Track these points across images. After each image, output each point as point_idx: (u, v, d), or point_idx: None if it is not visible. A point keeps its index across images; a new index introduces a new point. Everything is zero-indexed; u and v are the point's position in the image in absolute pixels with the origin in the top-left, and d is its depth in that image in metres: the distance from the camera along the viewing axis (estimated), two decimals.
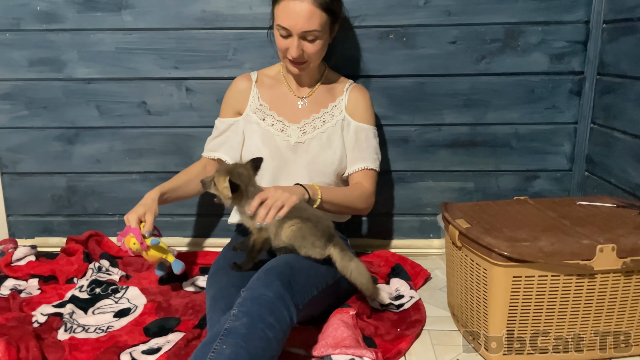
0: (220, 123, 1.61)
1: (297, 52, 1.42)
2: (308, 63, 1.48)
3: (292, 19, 1.38)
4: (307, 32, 1.40)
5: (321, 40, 1.44)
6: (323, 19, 1.40)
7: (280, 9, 1.40)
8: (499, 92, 1.76)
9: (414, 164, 1.83)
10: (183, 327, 1.38)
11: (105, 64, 1.77)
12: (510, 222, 1.31)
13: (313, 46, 1.43)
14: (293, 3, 1.37)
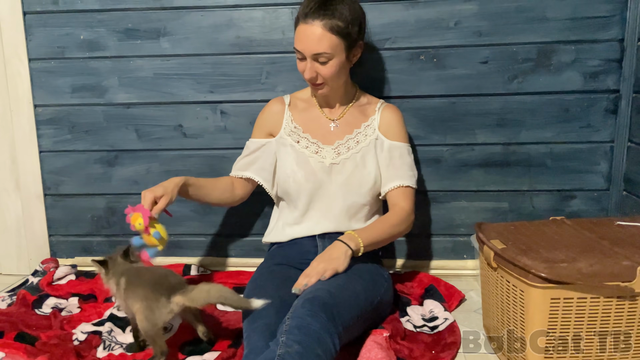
0: (251, 143, 1.64)
1: (310, 73, 1.47)
2: (325, 84, 1.50)
3: (303, 42, 1.44)
4: (317, 54, 1.43)
5: (335, 62, 1.45)
6: (333, 41, 1.43)
7: (296, 33, 1.46)
8: (533, 112, 1.74)
9: (447, 184, 1.83)
10: (218, 347, 1.40)
11: (144, 89, 1.84)
12: (546, 242, 1.29)
13: (326, 68, 1.46)
14: (305, 27, 1.43)
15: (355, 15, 1.45)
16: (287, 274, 1.49)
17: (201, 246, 1.94)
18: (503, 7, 1.68)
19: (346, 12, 1.43)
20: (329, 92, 1.54)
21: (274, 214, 1.69)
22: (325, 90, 1.53)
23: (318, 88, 1.52)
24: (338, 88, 1.55)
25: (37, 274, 1.87)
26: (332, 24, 1.41)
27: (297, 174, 1.55)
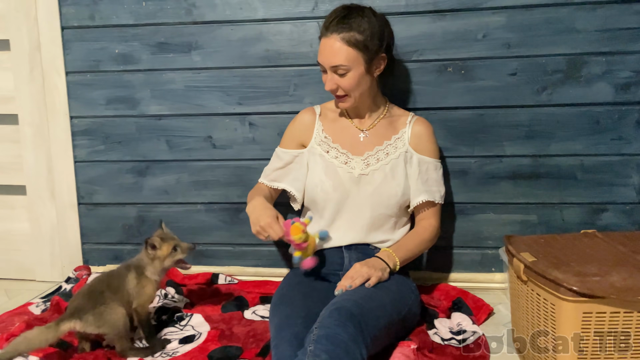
0: (284, 154, 1.66)
1: (330, 85, 1.50)
2: (347, 96, 1.53)
3: (322, 55, 1.49)
4: (335, 66, 1.47)
5: (353, 74, 1.47)
6: (350, 54, 1.45)
7: (319, 47, 1.51)
8: (562, 123, 1.73)
9: (474, 196, 1.81)
10: (246, 355, 1.41)
11: (175, 101, 1.88)
12: (578, 256, 1.27)
13: (345, 80, 1.48)
14: (325, 40, 1.47)
15: (374, 29, 1.47)
16: (313, 285, 1.50)
17: (229, 255, 1.97)
18: (532, 18, 1.68)
19: (365, 26, 1.45)
20: (352, 104, 1.56)
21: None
22: (347, 103, 1.55)
23: (340, 100, 1.55)
24: (363, 99, 1.56)
25: (70, 280, 1.91)
26: (349, 37, 1.44)
27: (325, 183, 1.57)
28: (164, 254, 1.47)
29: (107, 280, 1.46)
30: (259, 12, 1.79)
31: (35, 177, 1.99)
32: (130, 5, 1.84)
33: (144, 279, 1.47)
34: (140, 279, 1.47)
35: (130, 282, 1.45)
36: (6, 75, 1.94)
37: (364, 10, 1.49)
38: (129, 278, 1.46)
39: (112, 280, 1.46)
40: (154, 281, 1.48)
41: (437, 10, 1.71)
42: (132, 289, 1.45)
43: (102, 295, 1.41)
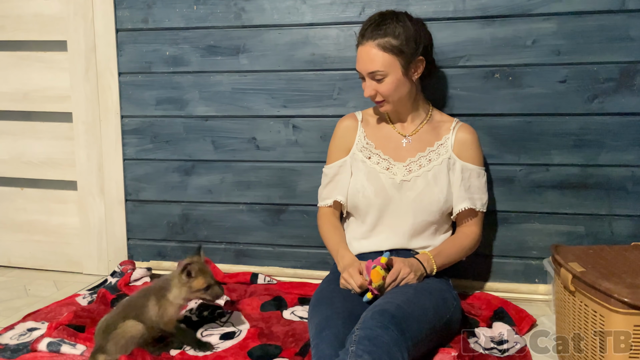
0: (329, 169, 1.67)
1: (369, 92, 1.52)
2: (385, 101, 1.54)
3: (359, 62, 1.51)
4: (372, 72, 1.48)
5: (391, 79, 1.48)
6: (386, 59, 1.46)
7: (357, 55, 1.53)
8: (614, 133, 1.68)
9: (519, 205, 1.78)
10: (285, 354, 1.42)
11: (222, 102, 1.93)
12: (629, 267, 1.23)
13: (383, 85, 1.49)
14: (362, 47, 1.50)
15: (409, 33, 1.48)
16: None
17: (268, 256, 1.99)
18: (584, 25, 1.64)
19: (399, 30, 1.46)
20: (393, 109, 1.57)
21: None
22: (387, 107, 1.56)
23: (380, 105, 1.56)
24: (403, 104, 1.57)
25: (116, 274, 1.97)
26: (384, 43, 1.46)
27: (367, 189, 1.57)
28: (197, 287, 1.44)
29: (124, 313, 1.42)
30: (306, 16, 1.82)
31: (86, 174, 2.07)
32: (182, 9, 1.90)
33: (165, 302, 1.44)
34: (161, 303, 1.44)
35: (151, 310, 1.43)
36: (63, 75, 2.03)
37: (398, 16, 1.50)
38: (149, 306, 1.43)
39: (129, 312, 1.42)
40: (177, 305, 1.45)
41: (486, 16, 1.70)
42: (154, 316, 1.43)
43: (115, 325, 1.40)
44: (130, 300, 1.48)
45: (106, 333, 1.38)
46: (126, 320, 1.40)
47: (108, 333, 1.38)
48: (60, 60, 2.03)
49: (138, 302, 1.45)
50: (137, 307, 1.44)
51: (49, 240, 2.16)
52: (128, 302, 1.48)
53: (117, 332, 1.38)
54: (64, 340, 1.45)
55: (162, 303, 1.44)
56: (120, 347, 1.36)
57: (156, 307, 1.43)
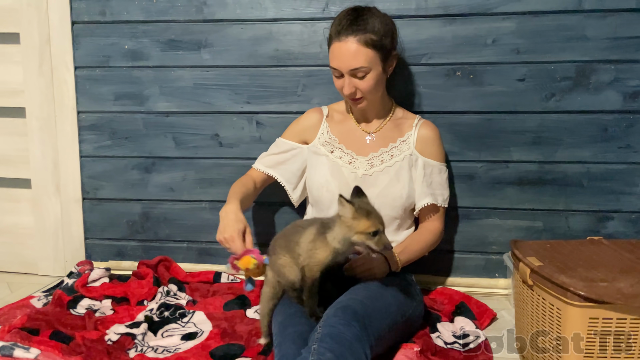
0: (283, 143, 1.67)
1: (349, 89, 1.49)
2: (364, 98, 1.53)
3: (339, 59, 1.47)
4: (355, 69, 1.46)
5: (372, 76, 1.48)
6: (369, 55, 1.45)
7: (331, 52, 1.49)
8: (570, 130, 1.72)
9: (480, 201, 1.81)
10: (248, 354, 1.40)
11: (183, 98, 1.89)
12: (585, 261, 1.27)
13: (364, 82, 1.48)
14: (340, 44, 1.46)
15: (387, 27, 1.48)
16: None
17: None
18: (542, 25, 1.68)
19: (378, 25, 1.46)
20: (368, 106, 1.56)
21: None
22: (364, 104, 1.55)
23: (357, 103, 1.54)
24: (376, 101, 1.57)
25: (73, 275, 1.91)
26: (366, 38, 1.44)
27: (331, 184, 1.57)
28: (362, 229, 1.22)
29: (292, 228, 1.35)
30: (269, 11, 1.80)
31: (41, 171, 1.99)
32: (142, 1, 1.84)
33: (320, 241, 1.27)
34: (317, 238, 1.27)
35: (305, 236, 1.29)
36: (15, 68, 1.95)
37: (371, 10, 1.50)
38: (306, 232, 1.29)
39: (294, 231, 1.33)
40: (332, 248, 1.26)
41: (448, 15, 1.72)
42: (303, 244, 1.28)
43: (276, 244, 1.35)
44: (294, 226, 1.36)
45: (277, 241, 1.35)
46: (281, 252, 1.32)
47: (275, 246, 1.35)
48: (12, 53, 1.95)
49: (303, 224, 1.33)
50: (299, 229, 1.32)
51: (2, 241, 2.07)
52: (292, 227, 1.36)
53: (274, 258, 1.34)
54: (17, 344, 1.39)
55: (317, 239, 1.27)
56: (275, 270, 1.35)
57: (310, 237, 1.28)
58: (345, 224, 1.23)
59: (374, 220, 1.22)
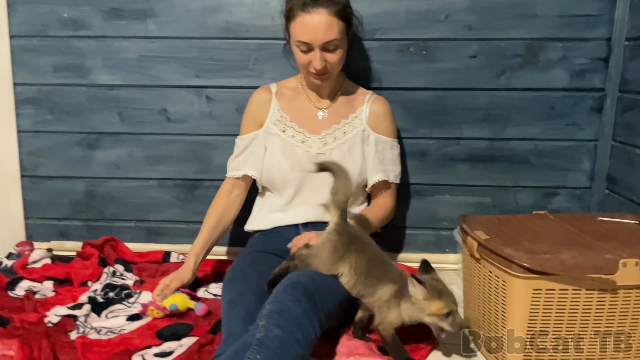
0: (241, 140, 1.61)
1: (321, 63, 1.44)
2: (331, 73, 1.49)
3: (311, 33, 1.41)
4: (328, 42, 1.41)
5: (341, 49, 1.46)
6: (341, 26, 1.42)
7: (298, 25, 1.42)
8: (519, 108, 1.75)
9: (432, 178, 1.82)
10: (196, 333, 1.37)
11: (128, 71, 1.80)
12: (530, 235, 1.29)
13: (335, 55, 1.45)
14: (310, 17, 1.40)
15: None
16: (268, 262, 1.47)
17: (182, 233, 1.91)
18: (494, 1, 1.68)
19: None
20: (328, 81, 1.52)
21: (258, 202, 1.67)
22: (329, 80, 1.51)
23: (324, 78, 1.49)
24: (335, 76, 1.54)
25: (12, 256, 1.81)
26: (337, 9, 1.40)
27: (283, 163, 1.54)
28: (433, 311, 1.18)
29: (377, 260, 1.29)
30: None
31: None
32: None
33: (394, 304, 1.22)
34: (392, 300, 1.22)
35: (383, 291, 1.24)
36: None
37: None
38: (386, 287, 1.24)
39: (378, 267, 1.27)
40: (403, 319, 1.23)
41: None
42: (376, 298, 1.25)
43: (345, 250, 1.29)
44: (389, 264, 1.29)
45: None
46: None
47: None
48: None
49: (394, 275, 1.26)
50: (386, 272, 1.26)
51: None
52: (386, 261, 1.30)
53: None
54: None
55: (392, 301, 1.22)
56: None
57: (387, 295, 1.23)
58: (416, 304, 1.19)
59: (446, 301, 1.18)
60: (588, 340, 1.18)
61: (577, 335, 1.17)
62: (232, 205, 1.62)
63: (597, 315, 1.16)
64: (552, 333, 1.17)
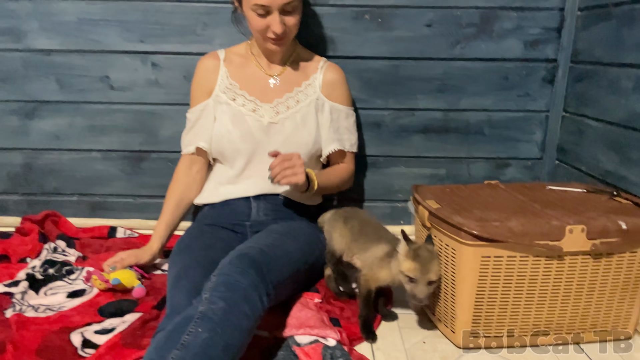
0: (192, 113, 1.54)
1: (281, 27, 1.37)
2: (288, 38, 1.43)
3: None
4: (287, 3, 1.35)
5: (299, 12, 1.40)
6: None
7: None
8: (473, 78, 1.73)
9: (387, 149, 1.80)
10: (141, 309, 1.32)
11: (67, 35, 1.69)
12: (480, 204, 1.28)
13: (293, 18, 1.39)
14: None
15: None
16: (217, 235, 1.43)
17: (129, 208, 1.83)
18: None
19: None
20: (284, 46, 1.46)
21: (209, 175, 1.61)
22: (285, 45, 1.45)
23: (281, 43, 1.43)
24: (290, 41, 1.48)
25: None
26: None
27: (232, 133, 1.48)
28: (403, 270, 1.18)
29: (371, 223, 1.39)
30: None
31: None
32: None
33: (386, 263, 1.24)
34: (385, 259, 1.24)
35: (376, 250, 1.28)
36: None
37: None
38: (380, 246, 1.28)
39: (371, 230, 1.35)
40: (393, 276, 1.23)
41: None
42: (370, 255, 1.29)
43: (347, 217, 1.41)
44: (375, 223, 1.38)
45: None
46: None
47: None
48: None
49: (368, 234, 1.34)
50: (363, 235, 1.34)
51: None
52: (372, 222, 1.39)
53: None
54: None
55: (385, 258, 1.25)
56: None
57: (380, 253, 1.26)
58: (397, 259, 1.21)
59: (418, 266, 1.16)
60: (535, 306, 1.19)
61: (525, 301, 1.18)
62: (193, 182, 1.56)
63: (544, 282, 1.17)
64: (500, 300, 1.18)
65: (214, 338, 0.98)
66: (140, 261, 1.47)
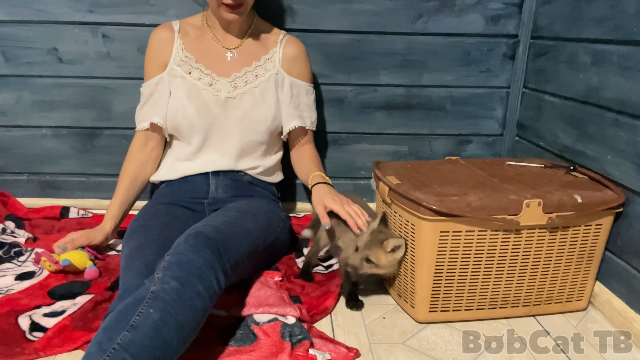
0: (145, 88, 1.47)
1: None
2: (245, 6, 1.37)
3: None
4: None
5: None
6: None
7: None
8: (435, 54, 1.72)
9: (349, 126, 1.77)
10: (93, 290, 1.27)
11: (11, 4, 1.59)
12: (440, 179, 1.28)
13: None
14: None
15: None
16: (174, 213, 1.38)
17: (82, 187, 1.76)
18: None
19: None
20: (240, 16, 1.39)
21: (166, 152, 1.55)
22: (242, 14, 1.38)
23: (239, 12, 1.36)
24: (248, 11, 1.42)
25: None
26: None
27: (188, 108, 1.42)
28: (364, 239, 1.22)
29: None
30: None
31: None
32: None
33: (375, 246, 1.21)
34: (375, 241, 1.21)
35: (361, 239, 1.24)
36: None
37: None
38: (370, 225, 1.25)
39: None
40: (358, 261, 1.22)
41: None
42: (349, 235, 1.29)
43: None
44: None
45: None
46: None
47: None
48: None
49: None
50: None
51: None
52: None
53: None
54: None
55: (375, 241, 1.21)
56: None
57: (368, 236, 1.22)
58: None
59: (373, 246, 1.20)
60: (493, 280, 1.20)
61: (483, 275, 1.19)
62: (148, 160, 1.50)
63: (501, 256, 1.18)
64: (459, 274, 1.18)
65: (166, 318, 0.95)
66: (92, 242, 1.42)
